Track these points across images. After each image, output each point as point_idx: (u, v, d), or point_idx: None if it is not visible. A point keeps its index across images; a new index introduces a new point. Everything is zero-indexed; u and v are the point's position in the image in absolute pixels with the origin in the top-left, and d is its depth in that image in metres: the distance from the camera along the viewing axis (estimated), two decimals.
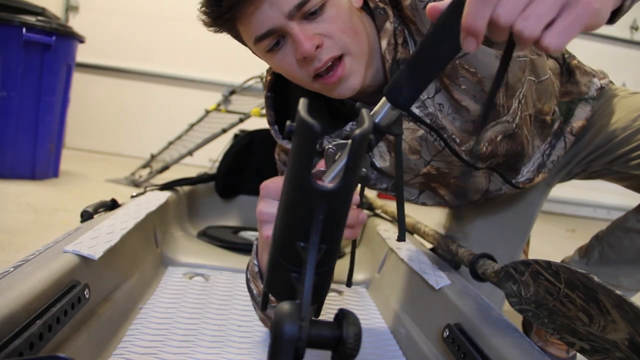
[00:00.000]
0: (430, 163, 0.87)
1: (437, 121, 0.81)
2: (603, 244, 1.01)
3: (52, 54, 2.34)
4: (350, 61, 0.71)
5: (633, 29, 4.40)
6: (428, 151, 0.85)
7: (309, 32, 0.67)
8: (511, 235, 1.10)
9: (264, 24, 0.67)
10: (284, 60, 0.71)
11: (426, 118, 0.80)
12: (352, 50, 0.71)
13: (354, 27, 0.71)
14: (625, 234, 0.98)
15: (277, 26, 0.67)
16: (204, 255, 1.20)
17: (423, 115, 0.80)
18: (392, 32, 0.75)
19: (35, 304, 0.54)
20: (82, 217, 0.94)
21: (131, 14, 3.98)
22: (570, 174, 1.04)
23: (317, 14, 0.68)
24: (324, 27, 0.68)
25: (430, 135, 0.82)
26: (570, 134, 0.96)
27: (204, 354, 0.73)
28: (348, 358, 0.42)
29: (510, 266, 0.71)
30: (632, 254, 0.96)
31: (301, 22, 0.67)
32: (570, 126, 0.96)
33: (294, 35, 0.67)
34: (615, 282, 0.97)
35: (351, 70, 0.72)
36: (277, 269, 0.50)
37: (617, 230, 1.00)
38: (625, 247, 0.97)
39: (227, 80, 3.89)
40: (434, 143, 0.83)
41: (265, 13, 0.66)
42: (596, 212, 4.19)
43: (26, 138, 2.37)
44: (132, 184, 2.69)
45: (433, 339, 0.78)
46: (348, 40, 0.70)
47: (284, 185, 0.46)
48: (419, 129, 0.82)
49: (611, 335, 0.56)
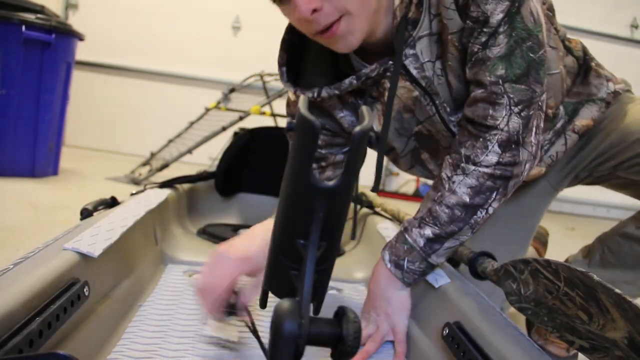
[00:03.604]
0: (422, 123, 0.89)
1: (432, 86, 0.82)
2: (604, 247, 1.01)
3: (51, 52, 2.34)
4: (348, 21, 0.73)
5: (633, 28, 4.39)
6: (421, 113, 0.87)
7: None
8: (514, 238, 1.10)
9: None
10: (290, 15, 0.75)
11: (422, 80, 0.82)
12: (352, 11, 0.72)
13: None
14: (625, 240, 0.98)
15: None
16: (203, 253, 1.19)
17: (419, 77, 0.82)
18: None
19: (34, 301, 0.54)
20: (81, 214, 0.94)
21: (131, 12, 3.98)
22: (577, 179, 1.03)
23: None
24: None
25: (423, 99, 0.84)
26: (572, 131, 0.95)
27: (203, 350, 0.73)
28: (348, 355, 0.42)
29: (510, 264, 0.72)
30: (631, 260, 0.96)
31: None
32: (573, 124, 0.95)
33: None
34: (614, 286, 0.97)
35: (348, 29, 0.74)
36: (276, 266, 0.50)
37: (617, 236, 1.00)
38: (625, 253, 0.97)
39: (227, 78, 3.89)
40: (426, 107, 0.85)
41: None
42: (595, 211, 4.19)
43: (26, 136, 2.37)
44: (131, 182, 2.69)
45: (432, 337, 0.78)
46: (347, 2, 0.71)
47: (284, 182, 0.46)
48: (414, 89, 0.83)
49: (610, 333, 0.56)
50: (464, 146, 0.78)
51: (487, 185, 0.77)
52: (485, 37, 0.74)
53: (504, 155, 0.76)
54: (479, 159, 0.76)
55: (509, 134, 0.76)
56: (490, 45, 0.74)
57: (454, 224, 0.77)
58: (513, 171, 0.77)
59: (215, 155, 1.96)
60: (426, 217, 0.79)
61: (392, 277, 0.80)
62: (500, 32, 0.73)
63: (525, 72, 0.74)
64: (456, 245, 0.80)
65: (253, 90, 3.32)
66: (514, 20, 0.72)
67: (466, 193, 0.77)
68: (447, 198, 0.78)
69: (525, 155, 0.77)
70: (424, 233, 0.78)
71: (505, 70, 0.74)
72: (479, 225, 0.79)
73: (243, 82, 3.33)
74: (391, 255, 0.81)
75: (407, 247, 0.79)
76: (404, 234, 0.81)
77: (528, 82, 0.75)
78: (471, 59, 0.76)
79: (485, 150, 0.76)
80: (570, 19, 4.24)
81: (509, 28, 0.73)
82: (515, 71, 0.74)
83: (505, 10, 0.72)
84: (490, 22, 0.72)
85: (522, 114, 0.75)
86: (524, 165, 0.78)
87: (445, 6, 0.75)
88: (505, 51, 0.74)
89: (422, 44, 0.80)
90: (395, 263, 0.80)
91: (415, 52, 0.80)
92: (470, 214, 0.77)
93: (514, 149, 0.76)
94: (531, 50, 0.74)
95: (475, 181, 0.77)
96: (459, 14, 0.75)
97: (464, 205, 0.77)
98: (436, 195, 0.79)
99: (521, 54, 0.74)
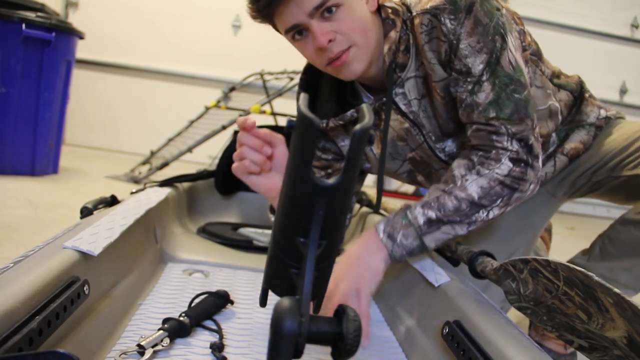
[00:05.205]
0: (414, 150, 1.02)
1: (418, 119, 0.97)
2: (604, 239, 1.03)
3: (51, 50, 2.34)
4: (355, 51, 0.86)
5: (633, 27, 4.39)
6: (412, 141, 1.00)
7: (325, 28, 0.83)
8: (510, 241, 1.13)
9: (291, 19, 0.84)
10: (306, 48, 0.88)
11: (410, 114, 0.97)
12: (358, 43, 0.86)
13: (363, 27, 0.86)
14: (624, 226, 0.99)
15: (301, 22, 0.84)
16: (203, 252, 1.20)
17: (407, 111, 0.97)
18: (396, 39, 0.91)
19: (34, 299, 0.54)
20: (81, 213, 0.94)
21: (131, 10, 3.97)
22: (575, 186, 1.09)
23: (332, 13, 0.83)
24: (336, 25, 0.84)
25: (412, 129, 0.98)
26: (561, 153, 1.06)
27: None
28: (347, 354, 0.42)
29: (510, 264, 0.72)
30: (629, 245, 0.98)
31: (319, 20, 0.83)
32: (563, 147, 1.06)
33: (312, 30, 0.83)
34: (612, 276, 0.98)
35: (354, 57, 0.87)
36: (277, 264, 0.50)
37: (617, 224, 1.02)
38: (623, 239, 0.99)
39: (227, 77, 3.89)
40: (416, 137, 0.99)
41: (292, 11, 0.83)
42: (595, 210, 4.20)
43: (26, 134, 2.37)
44: (131, 181, 2.69)
45: (432, 336, 0.78)
46: (356, 36, 0.85)
47: (284, 181, 0.46)
48: (405, 122, 0.98)
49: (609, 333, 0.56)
50: (476, 155, 0.87)
51: (496, 190, 0.85)
52: (471, 85, 0.86)
53: (514, 170, 0.85)
54: (492, 166, 0.86)
55: (518, 154, 0.85)
56: (476, 92, 0.86)
57: (457, 215, 0.85)
58: (519, 186, 0.86)
59: (215, 154, 1.96)
60: (431, 202, 0.86)
61: (381, 246, 0.84)
62: (484, 80, 0.86)
63: (514, 110, 0.85)
64: (450, 236, 0.86)
65: (253, 89, 3.32)
66: (495, 69, 0.85)
67: (476, 192, 0.85)
68: (457, 192, 0.85)
69: (531, 176, 0.87)
70: (426, 213, 0.85)
71: (496, 113, 0.86)
72: (476, 225, 0.86)
73: (243, 80, 3.33)
74: (386, 226, 0.85)
75: (405, 222, 0.85)
76: (405, 210, 0.87)
77: (519, 117, 0.86)
78: (461, 105, 0.88)
79: (498, 162, 0.86)
80: (571, 18, 4.24)
81: (491, 76, 0.85)
82: (505, 111, 0.85)
83: (485, 61, 0.85)
84: (472, 72, 0.86)
85: (521, 143, 0.86)
86: (529, 185, 0.87)
87: (427, 60, 0.90)
88: (493, 96, 0.86)
89: (409, 84, 0.94)
90: (389, 234, 0.85)
91: (403, 91, 0.95)
92: (473, 211, 0.85)
93: (523, 167, 0.86)
94: (515, 92, 0.86)
95: (487, 183, 0.85)
96: (442, 67, 0.89)
97: (471, 202, 0.85)
98: (446, 187, 0.87)
99: (507, 96, 0.86)
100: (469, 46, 0.85)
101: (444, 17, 0.85)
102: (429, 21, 0.87)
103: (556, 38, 4.13)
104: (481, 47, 0.84)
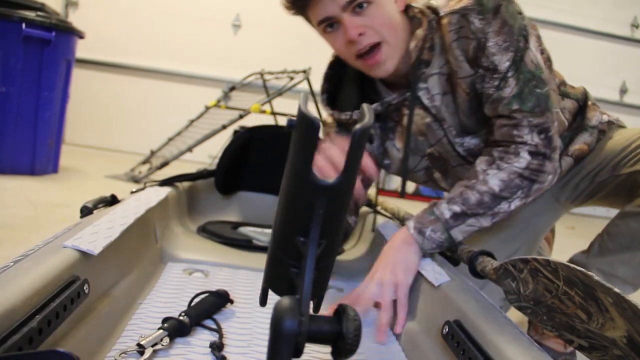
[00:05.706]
0: (433, 146, 1.06)
1: (440, 113, 1.01)
2: (603, 235, 1.04)
3: (51, 50, 2.34)
4: (387, 49, 0.93)
5: (634, 27, 4.39)
6: (432, 136, 1.04)
7: (355, 22, 0.89)
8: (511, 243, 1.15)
9: (324, 12, 0.90)
10: (337, 40, 0.94)
11: (432, 109, 1.01)
12: (389, 40, 0.92)
13: (392, 24, 0.92)
14: (622, 220, 1.00)
15: (333, 15, 0.90)
16: (203, 251, 1.20)
17: (430, 106, 1.01)
18: (422, 37, 0.95)
19: (34, 298, 0.54)
20: (81, 212, 0.94)
21: (131, 9, 3.97)
22: (578, 189, 1.11)
23: (363, 9, 0.89)
24: (367, 20, 0.90)
25: (433, 124, 1.02)
26: (566, 155, 1.10)
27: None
28: (347, 353, 0.42)
29: (509, 263, 0.72)
30: (628, 238, 0.98)
31: (351, 14, 0.89)
32: (567, 150, 1.10)
33: (344, 23, 0.89)
34: (611, 270, 0.98)
35: (387, 57, 0.93)
36: (276, 263, 0.50)
37: (616, 219, 1.02)
38: (622, 232, 0.99)
39: (227, 76, 3.89)
40: (436, 131, 1.03)
41: (326, 4, 0.89)
42: (595, 210, 4.19)
43: (26, 134, 2.37)
44: (131, 180, 2.69)
45: (432, 336, 0.78)
46: (385, 32, 0.91)
47: (284, 180, 0.46)
48: (427, 116, 1.02)
49: (609, 332, 0.56)
50: (497, 150, 0.94)
51: (516, 182, 0.91)
52: (497, 81, 0.91)
53: (532, 162, 0.91)
54: (511, 160, 0.91)
55: (537, 147, 0.91)
56: (502, 87, 0.91)
57: (480, 207, 0.91)
58: (538, 177, 0.92)
59: (215, 154, 1.96)
60: (456, 197, 0.92)
61: (412, 240, 0.91)
62: (509, 76, 0.91)
63: (536, 104, 0.91)
64: (475, 228, 0.92)
65: (253, 88, 3.32)
66: (519, 66, 0.91)
67: (497, 185, 0.91)
68: (479, 186, 0.91)
69: (549, 168, 0.92)
70: (451, 207, 0.91)
71: (519, 105, 0.91)
72: (499, 217, 0.92)
73: (243, 80, 3.33)
74: (416, 223, 0.93)
75: (433, 217, 0.92)
76: (432, 207, 0.93)
77: (540, 110, 0.91)
78: (488, 100, 0.94)
79: (517, 156, 0.91)
80: (571, 18, 4.24)
81: (516, 73, 0.91)
82: (528, 104, 0.91)
83: (511, 59, 0.90)
84: (499, 69, 0.91)
85: (542, 135, 0.91)
86: (548, 176, 0.93)
87: (454, 57, 0.94)
88: (517, 91, 0.91)
89: (432, 80, 0.99)
90: (418, 230, 0.92)
91: (426, 86, 0.99)
92: (495, 203, 0.91)
93: (541, 160, 0.91)
94: (537, 87, 0.92)
95: (507, 176, 0.91)
96: (469, 64, 0.93)
97: (493, 195, 0.91)
98: (469, 182, 0.93)
99: (529, 90, 0.91)
100: (497, 44, 0.90)
101: (472, 17, 0.90)
102: (458, 21, 0.92)
103: (556, 38, 4.12)
104: (507, 46, 0.90)
